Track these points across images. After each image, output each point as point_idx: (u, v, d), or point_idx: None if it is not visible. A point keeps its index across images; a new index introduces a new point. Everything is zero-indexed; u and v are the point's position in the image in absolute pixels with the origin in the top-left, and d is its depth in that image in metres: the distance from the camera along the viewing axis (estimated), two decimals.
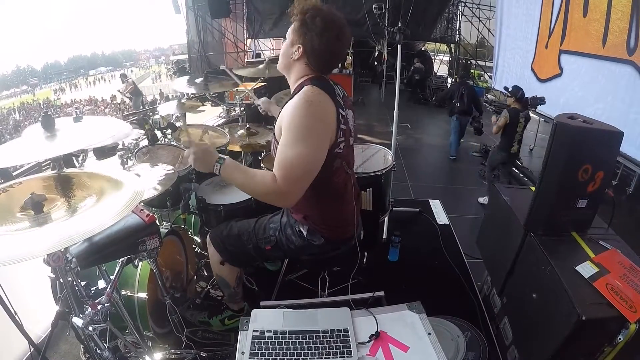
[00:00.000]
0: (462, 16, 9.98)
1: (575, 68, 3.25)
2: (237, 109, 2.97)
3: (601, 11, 2.80)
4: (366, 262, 2.32)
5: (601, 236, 1.54)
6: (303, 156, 1.14)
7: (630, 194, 4.24)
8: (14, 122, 22.65)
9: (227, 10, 8.55)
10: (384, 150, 2.33)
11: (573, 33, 3.25)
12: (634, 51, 2.49)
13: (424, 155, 6.00)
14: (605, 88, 2.81)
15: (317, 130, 1.18)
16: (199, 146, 1.28)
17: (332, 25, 1.22)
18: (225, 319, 1.80)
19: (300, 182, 1.16)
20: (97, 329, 1.14)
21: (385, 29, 2.54)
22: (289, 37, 1.28)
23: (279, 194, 1.15)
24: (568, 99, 3.34)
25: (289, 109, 1.19)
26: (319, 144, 1.18)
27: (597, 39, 2.85)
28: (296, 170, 1.14)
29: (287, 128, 1.17)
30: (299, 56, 1.26)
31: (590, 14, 2.95)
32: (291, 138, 1.15)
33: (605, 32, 2.76)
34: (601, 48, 2.83)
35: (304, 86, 1.24)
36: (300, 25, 1.23)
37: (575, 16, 3.19)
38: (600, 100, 2.87)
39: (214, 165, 1.22)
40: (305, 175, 1.17)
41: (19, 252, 0.81)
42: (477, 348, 1.62)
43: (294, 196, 1.17)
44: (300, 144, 1.14)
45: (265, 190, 1.16)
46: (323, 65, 1.28)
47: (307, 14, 1.21)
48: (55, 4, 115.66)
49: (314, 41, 1.21)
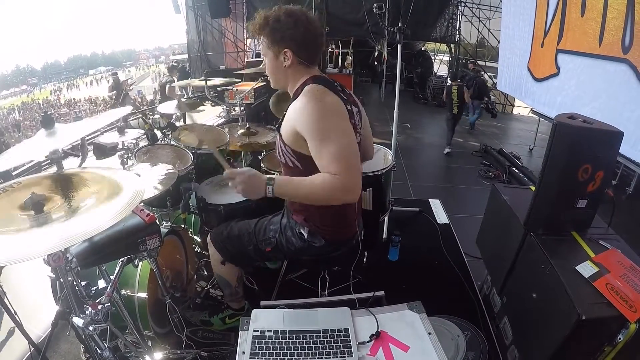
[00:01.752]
0: (462, 16, 9.97)
1: (572, 67, 3.24)
2: (237, 109, 2.97)
3: (598, 10, 2.80)
4: (366, 261, 2.32)
5: (601, 236, 1.54)
6: (341, 146, 1.13)
7: (630, 193, 4.24)
8: (14, 121, 22.64)
9: (227, 10, 8.54)
10: (384, 149, 2.33)
11: (570, 33, 3.25)
12: (628, 49, 2.49)
13: (424, 155, 6.00)
14: (600, 87, 2.81)
15: (335, 120, 1.18)
16: (243, 175, 1.18)
17: (296, 14, 1.23)
18: (225, 317, 1.80)
19: (356, 167, 1.16)
20: (97, 328, 1.14)
21: (385, 28, 2.54)
22: (269, 53, 1.27)
23: (343, 189, 1.12)
24: (565, 98, 3.34)
25: (301, 111, 1.17)
26: (344, 131, 1.18)
27: (594, 37, 2.85)
28: (347, 159, 1.13)
29: (310, 130, 1.15)
30: (290, 59, 1.24)
31: (587, 13, 2.95)
32: (321, 136, 1.14)
33: (602, 30, 2.76)
34: (597, 47, 2.82)
35: (305, 85, 1.23)
36: (272, 33, 1.23)
37: (573, 16, 3.18)
38: (595, 99, 2.87)
39: (265, 189, 1.17)
40: (356, 159, 1.17)
41: (19, 252, 0.81)
42: (477, 347, 1.62)
43: (358, 184, 1.16)
44: (334, 135, 1.14)
45: (330, 190, 1.12)
46: (314, 53, 1.28)
47: (270, 22, 1.22)
48: (55, 4, 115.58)
49: (295, 35, 1.21)
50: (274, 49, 1.25)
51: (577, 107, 2.99)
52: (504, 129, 8.01)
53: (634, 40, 2.43)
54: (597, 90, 2.85)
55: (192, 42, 9.34)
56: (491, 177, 4.67)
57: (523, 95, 4.47)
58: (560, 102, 3.39)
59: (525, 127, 7.83)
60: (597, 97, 2.85)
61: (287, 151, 1.27)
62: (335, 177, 1.11)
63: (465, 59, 10.35)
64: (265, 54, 1.30)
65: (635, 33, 2.41)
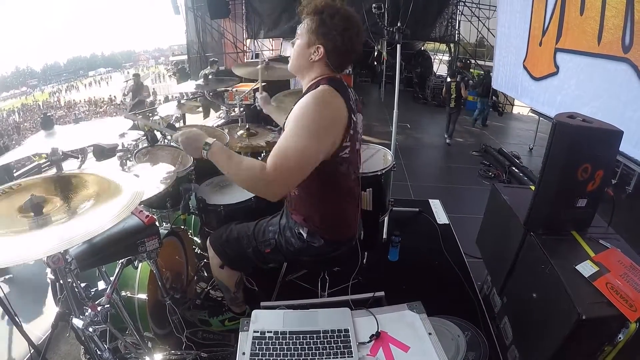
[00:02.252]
0: (461, 15, 9.97)
1: (571, 66, 3.24)
2: (237, 110, 2.96)
3: (597, 8, 2.79)
4: (366, 262, 2.32)
5: (601, 235, 1.53)
6: (301, 149, 1.10)
7: (630, 192, 4.25)
8: (14, 123, 22.65)
9: (226, 10, 8.55)
10: (384, 150, 2.33)
11: (569, 32, 3.25)
12: (629, 49, 2.48)
13: (424, 155, 6.00)
14: (601, 86, 2.81)
15: (323, 129, 1.15)
16: (185, 133, 1.21)
17: (352, 23, 1.20)
18: (225, 320, 1.80)
19: (290, 174, 1.11)
20: (97, 330, 1.14)
21: (384, 28, 2.54)
22: (304, 37, 1.24)
23: (266, 182, 1.09)
24: (564, 97, 3.33)
25: (302, 103, 1.17)
26: (319, 143, 1.14)
27: (593, 36, 2.84)
28: (289, 162, 1.09)
29: (294, 120, 1.14)
30: (319, 57, 1.22)
31: (587, 12, 2.94)
32: (295, 130, 1.12)
33: (600, 29, 2.75)
34: (596, 46, 2.81)
35: (320, 84, 1.21)
36: (319, 25, 1.19)
37: (572, 15, 3.18)
38: (596, 98, 2.86)
39: (201, 150, 1.16)
40: (297, 169, 1.12)
41: (19, 253, 0.81)
42: (477, 348, 1.62)
43: (280, 188, 1.13)
44: (302, 138, 1.11)
45: (251, 178, 1.11)
46: (343, 64, 1.26)
47: (324, 13, 1.19)
48: (55, 4, 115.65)
49: (337, 40, 1.19)
50: (311, 36, 1.22)
51: (577, 106, 2.97)
52: (504, 128, 8.02)
53: (634, 39, 2.42)
54: (598, 90, 2.84)
55: (192, 43, 9.33)
56: (491, 176, 4.67)
57: (520, 94, 4.45)
58: (560, 101, 3.38)
59: (525, 126, 7.83)
60: (597, 97, 2.85)
61: None
62: (263, 170, 1.09)
63: (465, 59, 10.37)
64: (300, 35, 1.26)
65: (635, 32, 2.41)
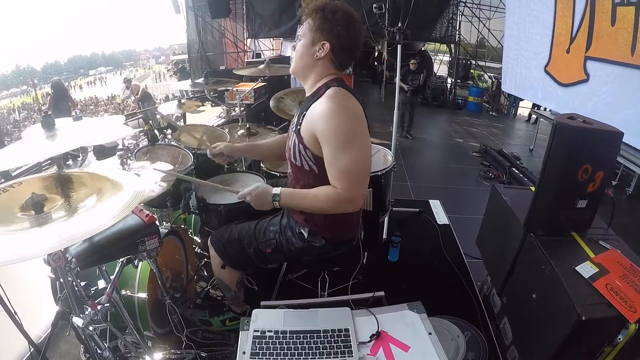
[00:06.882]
0: (462, 16, 9.98)
1: (603, 75, 3.29)
2: (237, 109, 2.96)
3: (629, 20, 2.89)
4: (366, 262, 2.32)
5: (601, 236, 1.54)
6: (356, 160, 1.15)
7: (630, 194, 4.25)
8: (14, 121, 22.64)
9: (227, 10, 8.54)
10: (384, 150, 2.33)
11: (601, 41, 3.31)
12: None
13: (424, 155, 6.00)
14: (635, 95, 2.89)
15: (360, 130, 1.19)
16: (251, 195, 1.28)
17: (354, 17, 1.22)
18: (226, 320, 1.80)
19: (361, 184, 1.20)
20: (97, 329, 1.14)
21: (385, 29, 2.53)
22: (308, 36, 1.23)
23: (347, 202, 1.18)
24: (597, 104, 3.36)
25: (326, 114, 1.15)
26: (365, 143, 1.21)
27: (626, 47, 2.95)
28: (355, 176, 1.16)
29: (330, 137, 1.15)
30: (324, 53, 1.22)
31: (618, 23, 3.04)
32: (338, 147, 1.14)
33: (634, 41, 2.86)
34: (630, 56, 2.92)
35: (329, 87, 1.21)
36: (322, 22, 1.20)
37: (602, 24, 3.25)
38: (630, 106, 2.94)
39: (271, 202, 1.26)
40: (364, 176, 1.21)
41: (19, 252, 0.81)
42: (477, 348, 1.62)
43: (359, 199, 1.21)
44: (350, 149, 1.14)
45: (333, 204, 1.18)
46: (347, 60, 1.27)
47: (326, 10, 1.19)
48: (55, 4, 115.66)
49: (341, 36, 1.20)
50: (315, 34, 1.22)
51: (610, 114, 3.05)
52: (504, 129, 8.02)
53: None
54: (632, 98, 2.90)
55: (192, 42, 9.32)
56: (491, 177, 4.67)
57: (541, 98, 4.51)
58: (591, 108, 3.40)
59: (525, 127, 7.84)
60: (631, 105, 2.91)
61: (306, 155, 1.24)
62: (338, 193, 1.16)
63: (466, 59, 10.37)
64: (303, 35, 1.26)
65: None
